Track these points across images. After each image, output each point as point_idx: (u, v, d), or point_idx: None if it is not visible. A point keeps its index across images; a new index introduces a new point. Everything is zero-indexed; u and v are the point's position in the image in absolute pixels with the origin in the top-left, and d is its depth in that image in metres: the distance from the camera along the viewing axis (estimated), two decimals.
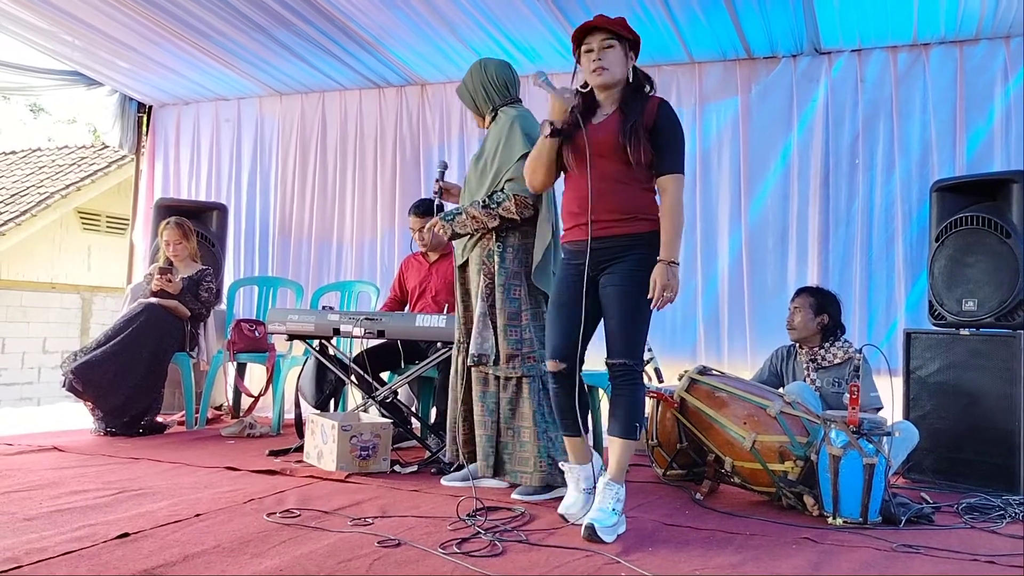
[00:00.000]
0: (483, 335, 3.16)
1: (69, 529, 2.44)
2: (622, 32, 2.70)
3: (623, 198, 2.68)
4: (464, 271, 3.37)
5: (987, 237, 3.66)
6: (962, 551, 2.54)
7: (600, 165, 2.69)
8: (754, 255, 4.81)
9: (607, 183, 2.69)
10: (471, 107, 3.40)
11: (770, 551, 2.49)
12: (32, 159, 11.81)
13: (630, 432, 2.68)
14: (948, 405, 3.69)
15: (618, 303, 2.66)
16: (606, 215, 2.68)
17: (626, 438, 2.68)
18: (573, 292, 2.73)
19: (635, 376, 2.68)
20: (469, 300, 3.36)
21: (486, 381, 3.21)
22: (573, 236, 2.77)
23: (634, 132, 2.63)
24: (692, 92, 4.99)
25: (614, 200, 2.68)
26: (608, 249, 2.68)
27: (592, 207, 2.68)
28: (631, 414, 2.68)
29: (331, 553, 2.29)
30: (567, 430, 2.84)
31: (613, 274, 2.69)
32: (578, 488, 2.80)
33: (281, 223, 6.03)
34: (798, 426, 3.11)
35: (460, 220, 3.18)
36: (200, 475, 3.36)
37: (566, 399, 2.77)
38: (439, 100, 5.62)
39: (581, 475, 2.81)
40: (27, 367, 9.63)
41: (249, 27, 4.88)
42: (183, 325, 4.72)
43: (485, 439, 3.19)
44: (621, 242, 2.68)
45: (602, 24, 2.70)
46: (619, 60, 2.70)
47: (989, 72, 4.41)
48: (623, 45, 2.71)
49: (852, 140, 4.67)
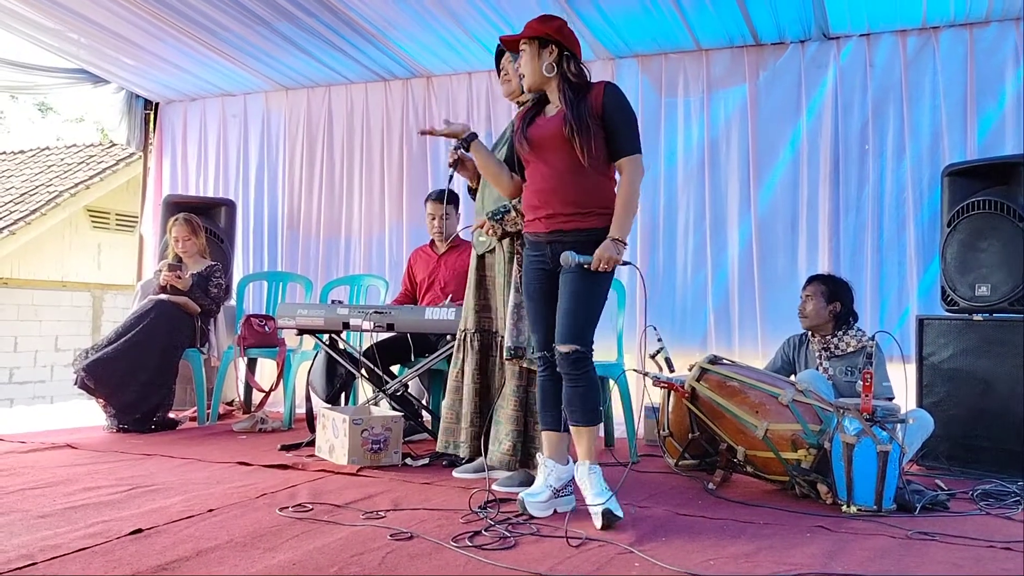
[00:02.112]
0: (518, 327, 3.06)
1: (83, 526, 2.45)
2: (526, 35, 2.77)
3: (577, 190, 2.72)
4: (482, 260, 3.33)
5: (1000, 221, 3.63)
6: (978, 538, 2.52)
7: (551, 159, 2.75)
8: (764, 243, 4.78)
9: (560, 177, 2.73)
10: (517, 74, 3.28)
11: (784, 540, 2.48)
12: (41, 158, 11.85)
13: (593, 419, 2.71)
14: (962, 391, 3.66)
15: (568, 289, 2.69)
16: (560, 208, 2.73)
17: (591, 425, 2.71)
18: (537, 284, 2.83)
19: (587, 362, 2.69)
20: (486, 290, 3.31)
21: (520, 375, 3.13)
22: (531, 228, 2.83)
23: (578, 124, 2.65)
24: (699, 80, 4.96)
25: (567, 193, 2.72)
26: (564, 244, 2.71)
27: (547, 201, 2.74)
28: (587, 402, 2.69)
29: (344, 547, 2.29)
30: (547, 424, 2.83)
31: None
32: (546, 482, 2.77)
33: (289, 218, 6.03)
34: (811, 414, 3.09)
35: (510, 218, 3.10)
36: (212, 470, 3.37)
37: (549, 387, 2.81)
38: (445, 92, 5.60)
39: (554, 472, 2.77)
40: (39, 365, 9.69)
41: (254, 22, 4.87)
42: (193, 321, 4.73)
43: (515, 434, 3.11)
44: (576, 237, 2.71)
45: (503, 41, 2.88)
46: (530, 61, 2.77)
47: (1000, 55, 4.35)
48: (532, 45, 2.77)
49: (862, 126, 4.63)
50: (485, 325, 3.30)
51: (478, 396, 3.26)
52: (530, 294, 2.86)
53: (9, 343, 9.39)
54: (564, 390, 2.73)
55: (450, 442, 3.31)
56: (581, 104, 2.68)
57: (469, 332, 3.30)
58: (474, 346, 3.28)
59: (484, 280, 3.33)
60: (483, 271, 3.33)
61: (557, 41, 2.76)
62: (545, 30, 2.76)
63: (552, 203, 2.73)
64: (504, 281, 3.20)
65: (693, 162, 4.94)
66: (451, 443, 3.31)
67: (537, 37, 2.76)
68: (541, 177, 2.78)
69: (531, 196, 2.82)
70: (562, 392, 2.74)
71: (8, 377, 9.38)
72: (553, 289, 2.78)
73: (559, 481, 2.76)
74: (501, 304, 3.22)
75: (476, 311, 3.30)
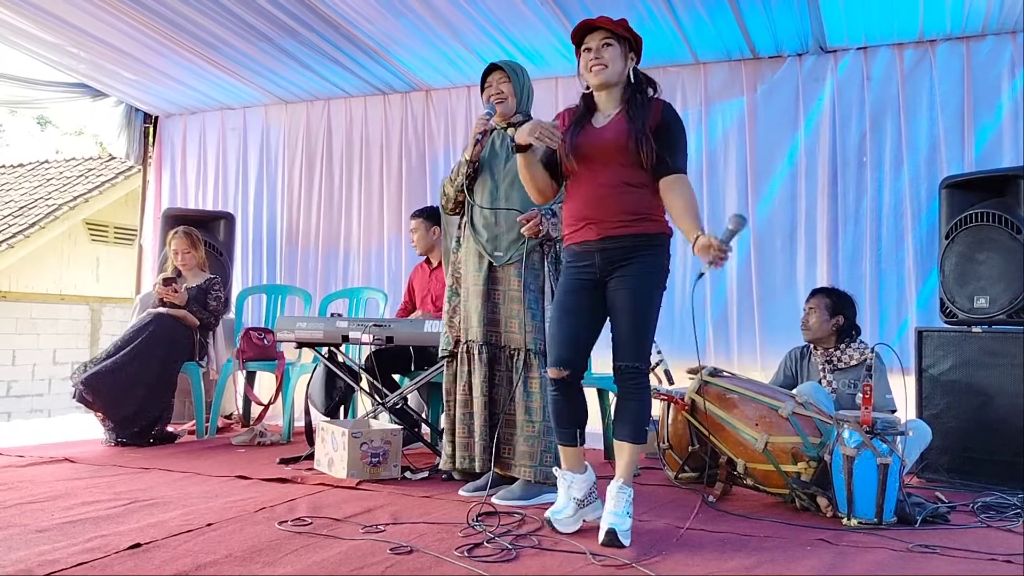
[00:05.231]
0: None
1: (81, 540, 2.43)
2: (620, 31, 2.68)
3: (630, 200, 2.64)
4: (493, 272, 3.24)
5: (997, 233, 3.64)
6: (979, 550, 2.51)
7: (603, 169, 2.66)
8: (762, 255, 4.79)
9: (613, 186, 2.65)
10: (515, 96, 3.30)
11: (785, 553, 2.47)
12: (40, 171, 11.87)
13: (640, 436, 2.66)
14: (961, 403, 3.66)
15: (628, 305, 2.62)
16: (612, 216, 2.64)
17: (636, 442, 2.66)
18: (578, 298, 2.71)
19: (644, 379, 2.66)
20: (495, 304, 3.24)
21: (543, 386, 3.12)
22: (578, 238, 2.71)
23: (644, 133, 2.60)
24: (697, 93, 4.98)
25: (621, 203, 2.64)
26: (616, 250, 2.64)
27: (597, 210, 2.66)
28: (641, 417, 2.66)
29: (344, 561, 2.28)
30: (564, 439, 2.77)
31: (622, 276, 2.64)
32: (568, 495, 2.72)
33: (288, 231, 6.04)
34: (810, 427, 3.09)
35: (553, 222, 3.10)
36: (211, 484, 3.36)
37: (566, 407, 2.74)
38: (444, 106, 5.62)
39: (575, 482, 2.72)
40: (37, 378, 9.67)
41: (254, 36, 4.89)
42: (192, 334, 4.72)
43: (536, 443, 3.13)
44: (629, 242, 2.64)
45: (600, 24, 2.68)
46: (617, 58, 2.68)
47: (996, 68, 4.38)
48: (622, 44, 2.70)
49: (859, 138, 4.65)
50: (492, 339, 3.24)
51: (486, 409, 3.22)
52: (568, 308, 2.72)
53: (7, 356, 9.37)
54: (619, 404, 2.70)
55: (466, 456, 3.28)
56: (644, 115, 2.64)
57: (476, 344, 3.24)
58: (482, 359, 3.22)
59: (493, 294, 3.25)
60: (493, 284, 3.25)
61: (639, 51, 2.73)
62: (636, 36, 2.71)
63: (603, 212, 2.64)
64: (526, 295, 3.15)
65: (691, 174, 4.82)
66: (466, 457, 3.28)
67: (628, 39, 2.70)
68: (590, 187, 2.68)
69: (579, 206, 2.71)
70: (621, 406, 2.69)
71: (6, 390, 9.36)
72: (594, 304, 2.69)
73: (581, 491, 2.71)
74: (515, 317, 3.18)
75: (484, 324, 3.23)
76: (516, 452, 3.17)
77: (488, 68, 3.36)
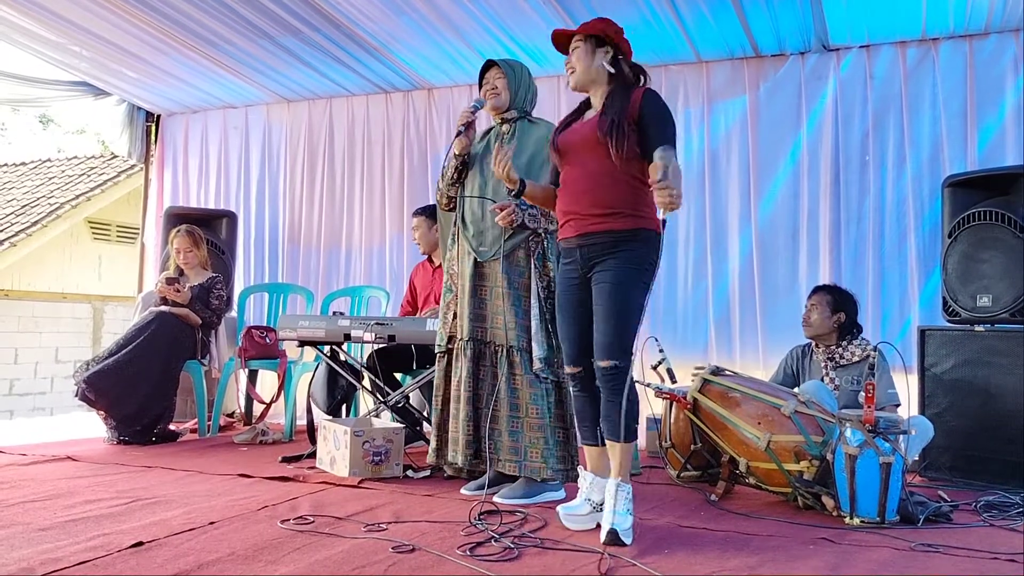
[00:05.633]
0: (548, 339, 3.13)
1: (84, 539, 2.43)
2: (584, 31, 2.74)
3: (607, 194, 2.66)
4: (480, 268, 3.26)
5: (1000, 232, 3.63)
6: (982, 549, 2.51)
7: (585, 162, 2.71)
8: (765, 254, 4.78)
9: (593, 179, 2.69)
10: (509, 91, 3.30)
11: (787, 552, 2.47)
12: (42, 170, 11.88)
13: (629, 434, 2.65)
14: (964, 402, 3.66)
15: (605, 301, 2.63)
16: (589, 210, 2.68)
17: (627, 441, 2.66)
18: (570, 295, 2.77)
19: (623, 377, 2.59)
20: (482, 300, 3.25)
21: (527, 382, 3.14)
22: (564, 233, 2.78)
23: (613, 126, 2.60)
24: (700, 91, 4.97)
25: (596, 196, 2.67)
26: (594, 246, 2.67)
27: (578, 203, 2.70)
28: (627, 416, 2.59)
29: (346, 559, 2.28)
30: (585, 438, 2.79)
31: (601, 272, 2.67)
32: (586, 496, 2.74)
33: (290, 229, 6.04)
34: (813, 425, 3.09)
35: (531, 213, 3.13)
36: (213, 483, 3.36)
37: (586, 404, 2.77)
38: (446, 104, 5.61)
39: (594, 485, 2.74)
40: (40, 377, 9.68)
41: (256, 35, 4.89)
42: (194, 333, 4.73)
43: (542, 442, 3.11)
44: (606, 238, 2.65)
45: (562, 32, 2.81)
46: (584, 56, 2.74)
47: (999, 66, 4.37)
48: (587, 42, 2.74)
49: (862, 137, 4.65)
50: (478, 335, 3.25)
51: (469, 404, 3.23)
52: (562, 306, 2.80)
53: (9, 355, 9.38)
54: (602, 404, 2.68)
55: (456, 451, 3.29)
56: (620, 105, 2.64)
57: (463, 341, 3.25)
58: (467, 354, 3.23)
59: (480, 290, 3.26)
60: (480, 280, 3.26)
61: (614, 43, 2.74)
62: (604, 29, 2.74)
63: (583, 205, 2.68)
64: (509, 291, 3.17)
65: (693, 173, 4.94)
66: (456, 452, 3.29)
67: (594, 35, 2.74)
68: (573, 181, 2.73)
69: (563, 202, 2.77)
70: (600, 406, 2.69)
71: (8, 389, 9.37)
72: (586, 299, 2.72)
73: (599, 495, 2.71)
74: (499, 313, 3.19)
75: (471, 320, 3.24)
76: (501, 448, 3.16)
77: (485, 65, 3.36)
